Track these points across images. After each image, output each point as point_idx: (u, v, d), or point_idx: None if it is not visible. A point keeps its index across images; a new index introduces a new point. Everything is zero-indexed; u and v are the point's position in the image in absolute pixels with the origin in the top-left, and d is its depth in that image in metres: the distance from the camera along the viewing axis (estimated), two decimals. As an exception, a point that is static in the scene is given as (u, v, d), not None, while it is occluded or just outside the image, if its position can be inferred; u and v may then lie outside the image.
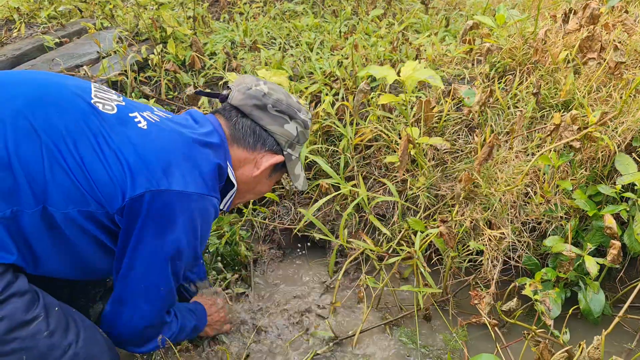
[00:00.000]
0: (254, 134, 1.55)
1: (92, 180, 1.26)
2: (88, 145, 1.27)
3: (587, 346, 1.40)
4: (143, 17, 3.50)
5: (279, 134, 1.57)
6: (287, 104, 1.57)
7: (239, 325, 2.02)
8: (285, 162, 1.63)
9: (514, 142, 2.20)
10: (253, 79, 1.59)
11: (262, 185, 1.68)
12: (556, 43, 2.44)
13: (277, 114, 1.55)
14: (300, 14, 3.80)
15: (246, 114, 1.54)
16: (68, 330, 1.33)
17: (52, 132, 1.24)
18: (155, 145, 1.34)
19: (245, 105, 1.53)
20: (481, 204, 2.06)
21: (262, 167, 1.58)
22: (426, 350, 1.91)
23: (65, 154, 1.24)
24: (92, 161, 1.26)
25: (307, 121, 1.63)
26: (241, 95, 1.54)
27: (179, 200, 1.32)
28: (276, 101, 1.54)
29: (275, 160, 1.58)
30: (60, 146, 1.24)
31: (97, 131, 1.29)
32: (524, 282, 1.78)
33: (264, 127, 1.55)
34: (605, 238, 1.89)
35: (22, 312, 1.24)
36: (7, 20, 4.20)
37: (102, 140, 1.29)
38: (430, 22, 3.36)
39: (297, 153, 1.66)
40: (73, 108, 1.31)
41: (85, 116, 1.31)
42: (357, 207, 2.39)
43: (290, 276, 2.31)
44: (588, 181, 2.06)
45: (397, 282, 2.22)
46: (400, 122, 2.43)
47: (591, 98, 2.22)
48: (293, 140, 1.61)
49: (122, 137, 1.32)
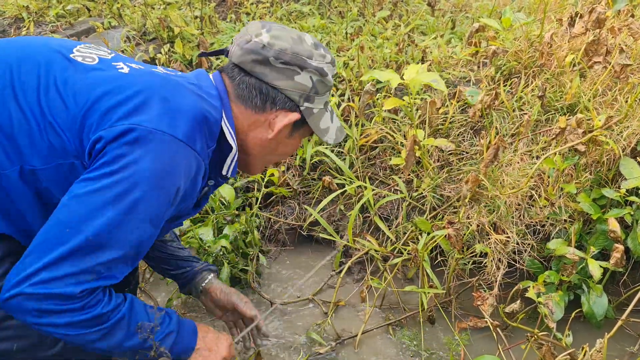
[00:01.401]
0: (261, 93, 1.33)
1: (60, 129, 1.16)
2: (55, 93, 1.18)
3: (590, 349, 1.40)
4: (151, 17, 3.52)
5: (289, 89, 1.34)
6: (293, 52, 1.31)
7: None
8: (305, 118, 1.39)
9: (519, 145, 2.21)
10: (257, 26, 1.35)
11: (284, 146, 1.47)
12: (562, 46, 2.45)
13: (282, 66, 1.31)
14: (307, 14, 3.82)
15: (248, 71, 1.33)
16: None
17: (27, 89, 1.17)
18: (129, 84, 1.21)
19: (245, 61, 1.32)
20: (486, 206, 2.07)
21: (277, 129, 1.37)
22: (428, 353, 1.92)
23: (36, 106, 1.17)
24: (59, 110, 1.17)
25: (321, 68, 1.35)
26: (240, 50, 1.32)
27: (143, 139, 1.13)
28: (279, 52, 1.30)
29: (290, 120, 1.36)
30: (31, 98, 1.17)
31: (63, 78, 1.20)
32: (527, 285, 1.79)
33: (270, 83, 1.32)
34: (609, 241, 1.89)
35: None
36: (16, 19, 4.23)
37: (65, 86, 1.19)
38: (437, 24, 3.37)
39: (320, 104, 1.42)
40: (48, 63, 1.22)
41: (60, 65, 1.22)
42: (362, 208, 2.40)
43: (293, 275, 2.33)
44: (592, 185, 2.06)
45: (401, 283, 2.23)
46: (405, 124, 2.44)
47: (596, 102, 2.22)
48: (309, 93, 1.36)
49: (92, 80, 1.20)
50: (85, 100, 1.17)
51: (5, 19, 4.24)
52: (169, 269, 1.76)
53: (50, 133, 1.16)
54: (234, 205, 2.33)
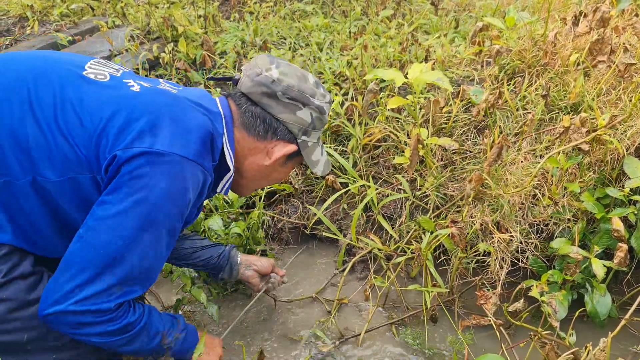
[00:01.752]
0: (264, 122, 1.45)
1: (75, 145, 1.22)
2: (71, 111, 1.24)
3: (594, 348, 1.40)
4: (154, 16, 3.53)
5: (291, 122, 1.46)
6: (299, 90, 1.44)
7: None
8: (300, 150, 1.52)
9: (523, 144, 2.20)
10: (266, 61, 1.47)
11: (277, 173, 1.60)
12: (566, 45, 2.44)
13: (288, 101, 1.43)
14: (310, 14, 3.82)
15: (255, 102, 1.44)
16: None
17: (44, 105, 1.24)
18: (141, 105, 1.29)
19: (254, 92, 1.43)
20: (490, 205, 2.07)
21: (274, 158, 1.49)
22: (432, 351, 1.92)
23: (52, 121, 1.23)
24: (74, 126, 1.23)
25: (322, 107, 1.49)
26: (250, 82, 1.44)
27: (157, 161, 1.22)
28: (287, 88, 1.42)
29: (288, 151, 1.48)
30: (48, 114, 1.23)
31: (79, 96, 1.27)
32: (530, 284, 1.79)
33: (275, 115, 1.44)
34: (612, 241, 1.89)
35: (25, 293, 1.27)
36: (21, 18, 4.25)
37: (81, 104, 1.26)
38: (440, 23, 3.37)
39: (315, 139, 1.54)
40: (62, 80, 1.29)
41: (75, 84, 1.29)
42: (365, 207, 2.40)
43: (297, 273, 2.33)
44: (596, 184, 2.06)
45: (404, 282, 2.23)
46: (409, 123, 2.45)
47: (600, 101, 2.22)
48: (307, 128, 1.49)
49: (107, 98, 1.28)
50: (100, 119, 1.24)
51: (9, 18, 4.25)
52: (198, 262, 1.87)
53: (66, 147, 1.22)
54: (237, 203, 2.33)
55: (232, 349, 1.92)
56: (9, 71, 1.28)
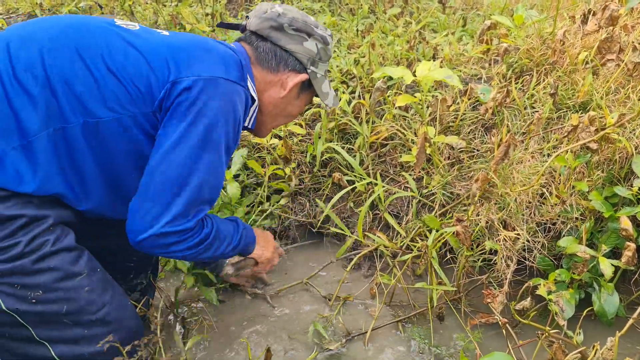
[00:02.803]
0: (275, 55, 1.58)
1: (125, 83, 1.35)
2: (116, 53, 1.36)
3: (601, 347, 1.40)
4: (162, 14, 3.54)
5: (299, 53, 1.59)
6: (303, 21, 1.59)
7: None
8: (311, 80, 1.65)
9: (530, 143, 2.20)
10: (269, 3, 1.63)
11: (292, 107, 1.71)
12: (574, 44, 2.43)
13: (294, 32, 1.57)
14: (318, 11, 3.82)
15: (265, 36, 1.58)
16: (105, 291, 1.44)
17: (89, 49, 1.35)
18: (178, 42, 1.44)
19: (263, 28, 1.57)
20: (496, 203, 2.07)
21: (289, 87, 1.61)
22: (438, 350, 1.92)
23: (101, 63, 1.34)
24: (126, 65, 1.36)
25: (326, 37, 1.64)
26: (258, 19, 1.58)
27: (209, 86, 1.37)
28: (292, 20, 1.57)
29: (300, 79, 1.61)
30: (96, 58, 1.34)
31: (125, 40, 1.40)
32: (537, 282, 1.78)
33: (284, 47, 1.57)
34: (620, 240, 1.88)
35: (70, 264, 1.36)
36: (30, 15, 4.27)
37: (130, 46, 1.39)
38: (448, 21, 3.37)
39: (322, 71, 1.67)
40: (101, 28, 1.42)
41: (113, 32, 1.42)
42: (372, 205, 2.40)
43: (304, 271, 2.33)
44: (604, 183, 2.05)
45: (411, 279, 2.24)
46: (416, 121, 2.44)
47: (609, 99, 2.21)
48: (315, 58, 1.62)
49: (148, 40, 1.43)
50: (144, 58, 1.37)
51: (19, 16, 4.28)
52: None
53: (116, 86, 1.34)
54: (244, 203, 2.34)
55: (233, 348, 1.93)
56: (51, 27, 1.38)
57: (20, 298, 1.29)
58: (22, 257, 1.28)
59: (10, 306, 1.28)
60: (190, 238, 1.43)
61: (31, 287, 1.30)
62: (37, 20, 1.44)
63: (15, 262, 1.27)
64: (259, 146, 2.58)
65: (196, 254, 1.49)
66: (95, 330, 1.40)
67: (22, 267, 1.28)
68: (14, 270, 1.27)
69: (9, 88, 1.27)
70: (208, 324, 2.05)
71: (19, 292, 1.29)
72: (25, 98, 1.27)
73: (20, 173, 1.28)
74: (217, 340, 1.97)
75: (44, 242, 1.32)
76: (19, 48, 1.31)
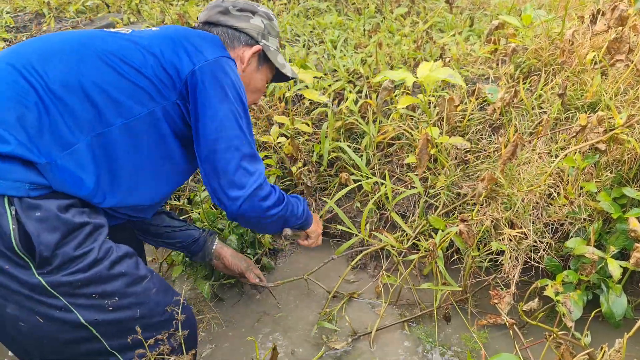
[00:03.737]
0: (228, 34, 1.70)
1: (148, 77, 1.43)
2: (134, 53, 1.45)
3: (609, 349, 1.39)
4: (169, 12, 3.55)
5: (248, 28, 1.72)
6: (244, 2, 1.75)
7: (259, 317, 2.05)
8: (265, 52, 1.76)
9: (538, 144, 2.19)
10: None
11: (255, 81, 1.80)
12: (583, 44, 2.42)
13: (239, 13, 1.72)
14: (324, 11, 3.82)
15: (215, 22, 1.71)
16: (167, 291, 1.48)
17: (108, 54, 1.42)
18: (176, 34, 1.56)
19: (212, 15, 1.71)
20: (503, 203, 2.06)
21: (246, 59, 1.71)
22: (445, 349, 1.92)
23: (124, 64, 1.42)
24: (145, 62, 1.44)
25: (269, 13, 1.80)
26: (205, 11, 1.75)
27: (217, 64, 1.51)
28: (234, 2, 1.73)
29: (254, 50, 1.72)
30: (117, 60, 1.42)
31: (131, 42, 1.49)
32: (545, 283, 1.77)
33: (233, 25, 1.70)
34: (629, 241, 1.87)
35: (134, 269, 1.39)
36: (37, 14, 4.29)
37: (138, 46, 1.48)
38: (455, 21, 3.35)
39: (274, 46, 1.79)
40: (107, 35, 1.50)
41: (118, 36, 1.51)
42: (378, 205, 2.40)
43: (309, 269, 2.33)
44: (613, 183, 2.04)
45: (418, 280, 2.23)
46: (423, 121, 2.44)
47: (618, 100, 2.19)
48: (264, 32, 1.75)
49: (151, 37, 1.53)
50: (154, 54, 1.46)
51: (26, 15, 4.30)
52: (175, 242, 1.98)
53: (143, 81, 1.42)
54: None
55: (239, 346, 1.93)
56: (63, 41, 1.43)
57: (97, 308, 1.30)
58: (98, 264, 1.30)
59: (88, 318, 1.29)
60: (269, 195, 1.58)
61: (107, 294, 1.32)
62: (40, 38, 1.46)
63: (93, 269, 1.29)
64: (266, 145, 2.58)
65: (282, 212, 1.65)
66: (162, 331, 1.40)
67: (100, 274, 1.30)
68: (92, 278, 1.29)
69: (47, 100, 1.29)
70: (215, 322, 2.06)
71: (97, 301, 1.30)
72: (62, 108, 1.31)
73: (75, 177, 1.31)
74: (224, 339, 1.97)
75: (109, 248, 1.35)
76: (44, 63, 1.34)
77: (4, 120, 1.23)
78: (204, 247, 2.02)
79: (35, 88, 1.29)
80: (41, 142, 1.26)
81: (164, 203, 1.76)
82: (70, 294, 1.27)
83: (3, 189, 1.20)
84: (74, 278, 1.26)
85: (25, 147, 1.23)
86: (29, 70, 1.31)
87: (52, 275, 1.24)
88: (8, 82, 1.28)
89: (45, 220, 1.24)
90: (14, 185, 1.21)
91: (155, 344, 1.31)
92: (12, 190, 1.21)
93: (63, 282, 1.25)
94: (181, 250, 2.02)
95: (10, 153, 1.22)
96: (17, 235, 1.20)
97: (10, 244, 1.20)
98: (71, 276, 1.26)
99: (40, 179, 1.25)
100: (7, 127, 1.23)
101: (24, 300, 1.23)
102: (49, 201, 1.26)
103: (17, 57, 1.35)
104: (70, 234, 1.28)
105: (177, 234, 1.96)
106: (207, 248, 2.02)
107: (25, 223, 1.21)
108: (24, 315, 1.24)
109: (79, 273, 1.27)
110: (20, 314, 1.24)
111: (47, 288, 1.24)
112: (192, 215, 2.31)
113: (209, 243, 2.03)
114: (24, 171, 1.24)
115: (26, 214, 1.22)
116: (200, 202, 2.27)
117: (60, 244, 1.25)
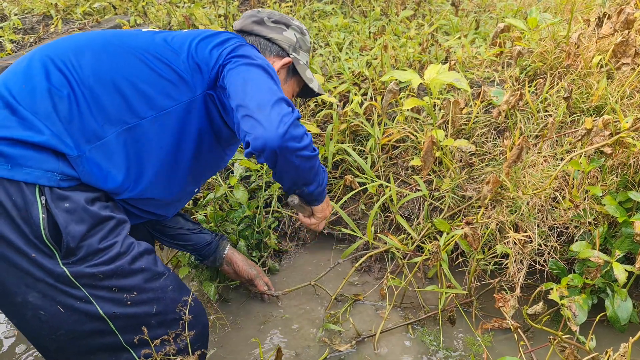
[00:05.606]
0: (260, 45, 1.72)
1: (178, 70, 1.46)
2: (165, 49, 1.49)
3: (614, 353, 1.39)
4: (175, 15, 3.56)
5: (281, 40, 1.73)
6: (280, 15, 1.77)
7: (265, 320, 2.05)
8: (295, 65, 1.76)
9: (543, 147, 2.19)
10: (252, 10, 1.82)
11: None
12: (589, 47, 2.41)
13: (274, 24, 1.74)
14: (330, 13, 3.82)
15: (249, 31, 1.73)
16: (182, 289, 1.50)
17: (138, 49, 1.46)
18: (198, 33, 1.60)
19: (247, 24, 1.73)
20: (508, 206, 2.06)
21: (276, 70, 1.69)
22: (449, 352, 1.92)
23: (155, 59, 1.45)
24: (171, 55, 1.48)
25: (302, 27, 1.82)
26: (241, 20, 1.77)
27: (247, 53, 1.51)
28: (270, 13, 1.76)
29: (285, 62, 1.72)
30: (148, 55, 1.45)
31: (162, 39, 1.53)
32: (550, 287, 1.77)
33: (267, 36, 1.72)
34: (634, 245, 1.87)
35: (153, 265, 1.41)
36: (45, 16, 4.32)
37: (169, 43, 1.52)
38: (460, 24, 3.35)
39: (304, 60, 1.80)
40: (135, 32, 1.56)
41: (151, 36, 1.55)
42: (383, 207, 2.40)
43: (315, 271, 2.33)
44: (618, 187, 2.03)
45: (422, 282, 2.23)
46: (428, 123, 2.44)
47: (624, 103, 2.19)
48: (295, 45, 1.76)
49: (180, 37, 1.56)
50: (180, 48, 1.50)
51: (33, 17, 4.33)
52: (188, 245, 1.98)
53: (172, 74, 1.45)
54: (253, 204, 2.36)
55: (244, 347, 1.94)
56: (94, 39, 1.46)
57: (116, 301, 1.32)
58: (120, 258, 1.32)
59: (107, 311, 1.31)
60: (305, 135, 1.45)
61: (127, 289, 1.34)
62: (73, 35, 1.51)
63: (116, 263, 1.31)
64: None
65: (313, 160, 1.51)
66: (176, 329, 1.42)
67: (122, 268, 1.32)
68: (114, 271, 1.31)
69: (78, 93, 1.32)
70: (221, 323, 2.06)
71: (117, 295, 1.32)
72: (92, 101, 1.33)
73: (104, 171, 1.34)
74: (229, 340, 1.98)
75: (131, 243, 1.37)
76: (80, 56, 1.38)
77: (39, 111, 1.26)
78: (216, 252, 2.03)
79: (69, 80, 1.32)
80: (72, 133, 1.29)
81: (185, 202, 1.76)
82: (91, 286, 1.29)
83: (34, 178, 1.22)
84: (97, 270, 1.29)
85: (58, 138, 1.26)
86: (65, 63, 1.35)
87: (76, 265, 1.26)
88: (44, 73, 1.32)
89: (74, 211, 1.26)
90: (45, 175, 1.24)
91: (168, 340, 1.32)
92: (44, 179, 1.24)
93: (86, 274, 1.27)
94: (193, 253, 2.03)
95: (44, 143, 1.24)
96: (46, 224, 1.23)
97: (39, 232, 1.22)
98: (94, 268, 1.28)
99: (71, 170, 1.28)
100: (42, 117, 1.26)
101: (47, 288, 1.25)
102: (77, 193, 1.29)
103: (54, 50, 1.39)
104: (96, 226, 1.30)
105: (191, 237, 1.98)
106: (219, 253, 2.03)
107: (55, 213, 1.24)
108: (45, 303, 1.26)
109: (102, 265, 1.29)
110: (42, 302, 1.26)
111: (71, 278, 1.26)
112: (198, 216, 2.32)
113: (221, 248, 2.04)
114: (56, 162, 1.26)
115: (55, 204, 1.24)
116: (209, 203, 2.30)
117: (86, 236, 1.27)
